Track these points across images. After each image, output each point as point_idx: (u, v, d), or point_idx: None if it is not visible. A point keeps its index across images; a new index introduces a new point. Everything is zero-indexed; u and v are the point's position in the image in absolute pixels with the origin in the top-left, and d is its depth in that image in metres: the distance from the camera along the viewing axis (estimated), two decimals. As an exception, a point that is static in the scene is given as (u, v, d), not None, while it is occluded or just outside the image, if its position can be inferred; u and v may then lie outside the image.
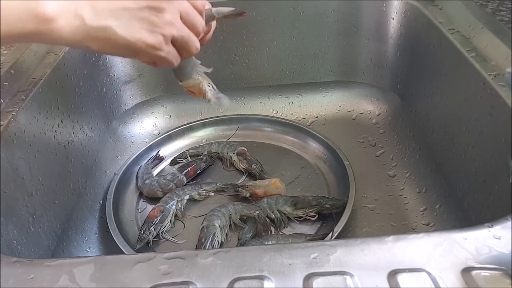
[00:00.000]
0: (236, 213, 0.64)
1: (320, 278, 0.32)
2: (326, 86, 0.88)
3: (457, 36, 0.61)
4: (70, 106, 0.66)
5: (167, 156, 0.79)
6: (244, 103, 0.88)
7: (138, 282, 0.33)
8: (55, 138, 0.61)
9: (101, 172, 0.73)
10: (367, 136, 0.82)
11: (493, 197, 0.50)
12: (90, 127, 0.72)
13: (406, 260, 0.33)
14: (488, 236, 0.35)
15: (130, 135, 0.83)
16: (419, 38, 0.72)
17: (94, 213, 0.68)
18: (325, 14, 0.80)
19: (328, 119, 0.86)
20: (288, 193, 0.68)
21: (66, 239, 0.60)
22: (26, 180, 0.52)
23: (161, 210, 0.64)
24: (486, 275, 0.31)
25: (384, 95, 0.84)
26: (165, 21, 0.45)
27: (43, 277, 0.34)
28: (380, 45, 0.81)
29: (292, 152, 0.79)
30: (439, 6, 0.69)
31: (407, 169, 0.72)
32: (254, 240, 0.61)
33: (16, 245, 0.49)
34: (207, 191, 0.70)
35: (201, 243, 0.60)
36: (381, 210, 0.67)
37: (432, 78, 0.67)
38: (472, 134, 0.55)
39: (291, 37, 0.83)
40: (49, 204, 0.57)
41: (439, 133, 0.65)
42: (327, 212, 0.64)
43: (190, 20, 0.48)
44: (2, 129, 0.50)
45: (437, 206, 0.63)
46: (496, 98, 0.50)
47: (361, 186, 0.68)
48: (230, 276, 0.33)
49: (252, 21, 0.80)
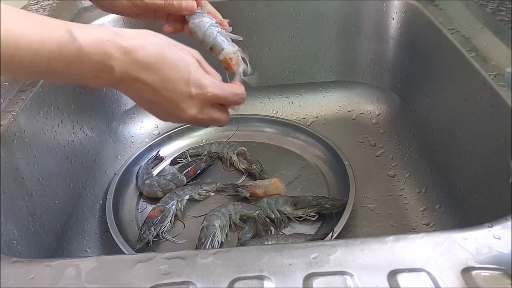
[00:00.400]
0: (236, 213, 0.64)
1: (320, 278, 0.32)
2: (326, 86, 0.88)
3: (457, 36, 0.61)
4: (70, 106, 0.66)
5: (167, 156, 0.79)
6: (244, 103, 0.88)
7: (138, 282, 0.33)
8: (55, 138, 0.61)
9: (101, 172, 0.73)
10: (367, 136, 0.82)
11: (493, 197, 0.50)
12: (90, 127, 0.72)
13: (406, 260, 0.33)
14: (488, 236, 0.35)
15: (130, 135, 0.83)
16: (419, 38, 0.72)
17: (94, 213, 0.68)
18: (325, 14, 0.80)
19: (328, 119, 0.86)
20: (288, 193, 0.68)
21: (66, 239, 0.60)
22: (26, 180, 0.52)
23: (161, 210, 0.64)
24: (486, 275, 0.31)
25: (384, 95, 0.84)
26: (181, 117, 0.50)
27: (43, 277, 0.34)
28: (380, 45, 0.81)
29: (292, 152, 0.79)
30: (439, 6, 0.69)
31: (407, 169, 0.72)
32: (254, 240, 0.61)
33: (16, 245, 0.49)
34: (207, 191, 0.70)
35: (201, 243, 0.60)
36: (381, 210, 0.67)
37: (432, 78, 0.67)
38: (472, 134, 0.55)
39: (291, 37, 0.83)
40: (49, 204, 0.57)
41: (439, 133, 0.65)
42: (327, 212, 0.64)
43: None
44: (2, 129, 0.50)
45: (437, 206, 0.63)
46: (496, 98, 0.50)
47: (361, 186, 0.68)
48: (230, 276, 0.33)
49: (252, 21, 0.80)
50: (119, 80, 0.44)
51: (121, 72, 0.43)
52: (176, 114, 0.49)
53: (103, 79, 0.43)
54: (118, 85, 0.45)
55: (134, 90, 0.46)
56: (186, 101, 0.47)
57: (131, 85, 0.45)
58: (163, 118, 0.51)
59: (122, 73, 0.43)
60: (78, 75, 0.42)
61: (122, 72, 0.43)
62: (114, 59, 0.42)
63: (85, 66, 0.41)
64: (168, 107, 0.48)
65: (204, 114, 0.50)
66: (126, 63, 0.43)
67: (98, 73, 0.43)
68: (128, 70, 0.44)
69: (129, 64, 0.43)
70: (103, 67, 0.42)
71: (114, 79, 0.44)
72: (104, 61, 0.42)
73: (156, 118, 0.51)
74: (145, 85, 0.45)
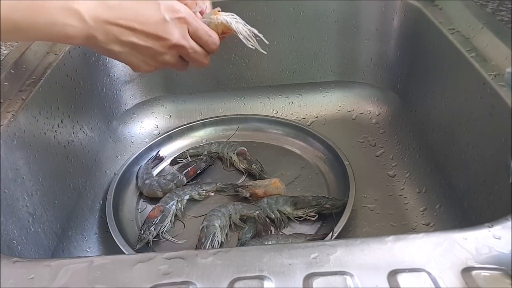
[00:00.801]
0: (236, 213, 0.64)
1: (320, 278, 0.32)
2: (326, 86, 0.88)
3: (457, 36, 0.61)
4: (70, 106, 0.66)
5: (167, 156, 0.79)
6: (244, 103, 0.88)
7: (138, 282, 0.33)
8: (55, 138, 0.61)
9: (101, 172, 0.73)
10: (367, 136, 0.82)
11: (493, 197, 0.50)
12: (90, 127, 0.72)
13: (406, 260, 0.33)
14: (488, 236, 0.34)
15: (130, 135, 0.83)
16: (419, 38, 0.72)
17: (94, 213, 0.68)
18: (325, 14, 0.80)
19: (328, 119, 0.86)
20: (288, 193, 0.68)
21: (66, 239, 0.60)
22: (26, 180, 0.52)
23: (161, 210, 0.64)
24: (486, 275, 0.31)
25: (384, 95, 0.84)
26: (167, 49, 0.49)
27: (43, 277, 0.34)
28: (380, 45, 0.81)
29: (292, 152, 0.79)
30: (439, 6, 0.69)
31: (407, 169, 0.72)
32: (254, 240, 0.61)
33: (16, 245, 0.49)
34: (207, 191, 0.70)
35: (201, 243, 0.60)
36: (381, 210, 0.67)
37: (432, 78, 0.67)
38: (472, 134, 0.55)
39: (291, 37, 0.83)
40: (49, 204, 0.57)
41: (439, 133, 0.65)
42: (327, 212, 0.64)
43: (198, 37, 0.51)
44: (2, 129, 0.50)
45: (437, 206, 0.63)
46: (496, 98, 0.50)
47: (361, 186, 0.68)
48: (230, 276, 0.33)
49: (252, 21, 0.80)
50: (91, 27, 0.43)
51: (91, 18, 0.42)
52: (161, 49, 0.48)
53: (74, 28, 0.42)
54: (93, 35, 0.44)
55: (110, 36, 0.45)
56: (164, 27, 0.47)
57: (106, 31, 0.44)
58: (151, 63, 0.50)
59: (92, 18, 0.42)
60: (45, 27, 0.41)
61: (92, 17, 0.42)
62: (78, 2, 0.42)
63: (51, 13, 0.40)
64: (150, 43, 0.47)
65: (186, 41, 0.49)
66: (93, 6, 0.42)
67: (66, 20, 0.41)
68: (97, 14, 0.43)
69: (96, 7, 0.43)
70: (69, 12, 0.41)
71: (86, 27, 0.43)
72: (69, 5, 0.41)
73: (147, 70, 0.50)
74: (119, 26, 0.44)
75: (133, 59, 0.49)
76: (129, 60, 0.49)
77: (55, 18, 0.41)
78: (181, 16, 0.48)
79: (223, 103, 0.88)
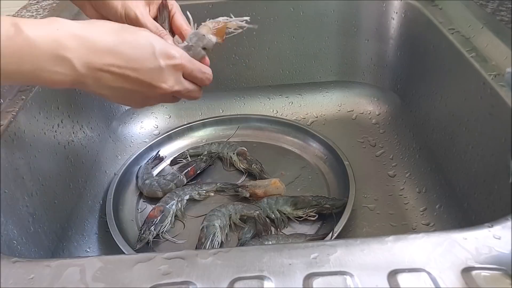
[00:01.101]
0: (236, 213, 0.64)
1: (320, 278, 0.32)
2: (326, 86, 0.88)
3: (457, 36, 0.61)
4: (70, 106, 0.66)
5: (167, 156, 0.79)
6: (244, 103, 0.88)
7: (138, 282, 0.33)
8: (55, 138, 0.61)
9: (101, 172, 0.73)
10: (367, 136, 0.82)
11: (493, 197, 0.50)
12: (90, 127, 0.72)
13: (406, 260, 0.33)
14: (488, 236, 0.35)
15: (130, 135, 0.83)
16: (419, 38, 0.72)
17: (94, 213, 0.68)
18: (325, 14, 0.80)
19: (328, 119, 0.86)
20: (288, 193, 0.68)
21: (66, 239, 0.60)
22: (26, 180, 0.52)
23: (161, 210, 0.64)
24: (486, 275, 0.31)
25: (384, 95, 0.84)
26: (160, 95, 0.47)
27: (43, 277, 0.34)
28: (380, 45, 0.81)
29: (292, 152, 0.79)
30: (439, 6, 0.69)
31: (407, 169, 0.72)
32: (254, 240, 0.61)
33: (16, 245, 0.49)
34: (207, 191, 0.70)
35: (201, 243, 0.60)
36: (381, 210, 0.67)
37: (432, 78, 0.67)
38: (472, 134, 0.55)
39: (291, 37, 0.83)
40: (49, 204, 0.57)
41: (439, 133, 0.65)
42: (327, 212, 0.64)
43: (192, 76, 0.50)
44: (2, 129, 0.50)
45: (437, 206, 0.63)
46: (496, 98, 0.50)
47: (361, 186, 0.68)
48: (230, 276, 0.33)
49: (252, 21, 0.80)
50: (82, 75, 0.41)
51: (82, 65, 0.40)
52: (153, 94, 0.47)
53: (63, 75, 0.40)
54: (83, 81, 0.42)
55: (101, 83, 0.43)
56: (158, 75, 0.45)
57: (97, 78, 0.42)
58: (142, 104, 0.49)
59: (83, 65, 0.40)
60: (32, 73, 0.39)
61: (83, 64, 0.40)
62: (69, 49, 0.39)
63: (38, 60, 0.38)
64: (143, 89, 0.45)
65: (180, 85, 0.48)
66: (85, 53, 0.40)
67: (54, 68, 0.39)
68: (89, 61, 0.41)
69: (88, 53, 0.40)
70: (58, 59, 0.39)
71: (76, 75, 0.40)
72: (58, 52, 0.39)
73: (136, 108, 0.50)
74: (111, 73, 0.42)
75: (124, 101, 0.48)
76: (119, 101, 0.48)
77: (42, 66, 0.39)
78: (177, 63, 0.47)
79: (223, 103, 0.88)
